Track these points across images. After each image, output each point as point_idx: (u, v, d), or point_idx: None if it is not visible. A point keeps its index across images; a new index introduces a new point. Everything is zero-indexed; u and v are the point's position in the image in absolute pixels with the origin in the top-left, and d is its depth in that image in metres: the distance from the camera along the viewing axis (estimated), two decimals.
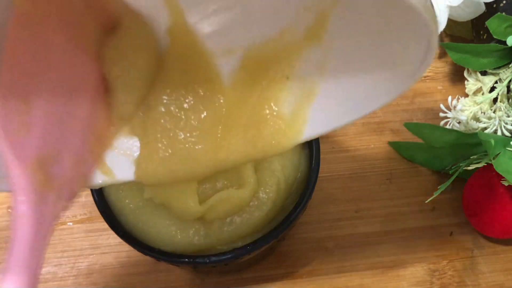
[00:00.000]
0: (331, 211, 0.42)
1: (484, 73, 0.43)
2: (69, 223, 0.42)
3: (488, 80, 0.42)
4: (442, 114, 0.42)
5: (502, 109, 0.41)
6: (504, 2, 0.43)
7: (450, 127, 0.42)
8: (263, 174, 0.33)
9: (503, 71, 0.42)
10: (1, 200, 0.42)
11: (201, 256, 0.31)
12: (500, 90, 0.41)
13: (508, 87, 0.41)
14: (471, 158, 0.41)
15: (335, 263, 0.40)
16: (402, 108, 0.47)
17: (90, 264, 0.40)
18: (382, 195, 0.43)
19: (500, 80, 0.42)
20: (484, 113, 0.41)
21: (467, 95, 0.44)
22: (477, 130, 0.41)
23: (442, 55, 0.49)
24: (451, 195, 0.43)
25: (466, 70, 0.44)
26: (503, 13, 0.40)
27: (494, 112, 0.41)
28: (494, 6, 0.43)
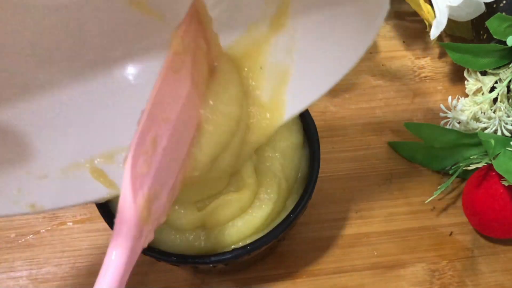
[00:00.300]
0: (331, 211, 0.42)
1: (484, 73, 0.43)
2: (69, 223, 0.41)
3: (488, 80, 0.42)
4: (442, 114, 0.42)
5: (502, 109, 0.41)
6: (504, 2, 0.43)
7: (450, 127, 0.42)
8: (263, 174, 0.33)
9: (503, 71, 0.42)
10: None
11: (201, 256, 0.31)
12: (500, 90, 0.41)
13: (508, 87, 0.41)
14: (471, 158, 0.41)
15: (335, 263, 0.40)
16: (402, 108, 0.47)
17: (90, 264, 0.40)
18: (382, 195, 0.43)
19: (500, 80, 0.42)
20: (484, 113, 0.41)
21: (467, 95, 0.44)
22: (477, 130, 0.41)
23: (442, 55, 0.49)
24: (451, 195, 0.43)
25: (466, 70, 0.44)
26: (503, 13, 0.40)
27: (494, 112, 0.41)
28: (494, 6, 0.43)
